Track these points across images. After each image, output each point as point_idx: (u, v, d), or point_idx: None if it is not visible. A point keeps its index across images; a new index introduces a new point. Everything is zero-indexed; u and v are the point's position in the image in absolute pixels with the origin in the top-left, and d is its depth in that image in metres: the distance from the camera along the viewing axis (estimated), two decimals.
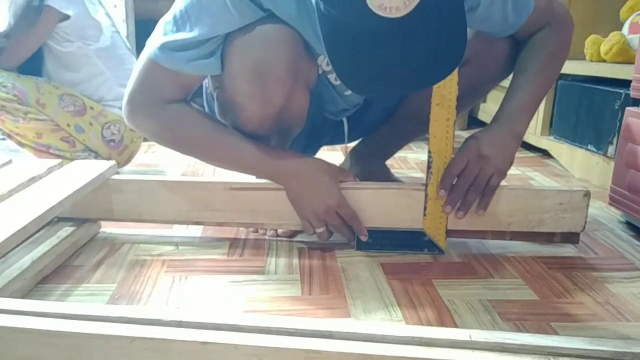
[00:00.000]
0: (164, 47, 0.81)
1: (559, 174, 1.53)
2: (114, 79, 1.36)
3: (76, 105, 1.31)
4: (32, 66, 1.33)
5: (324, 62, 0.93)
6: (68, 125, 1.31)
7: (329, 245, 0.97)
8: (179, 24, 0.80)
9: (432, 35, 0.64)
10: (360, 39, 0.64)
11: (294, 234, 1.02)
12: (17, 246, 0.84)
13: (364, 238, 0.91)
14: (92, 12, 1.33)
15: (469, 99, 1.02)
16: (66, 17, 1.28)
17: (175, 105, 0.86)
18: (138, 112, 0.87)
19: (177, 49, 0.80)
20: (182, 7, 0.79)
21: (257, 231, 1.03)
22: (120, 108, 1.36)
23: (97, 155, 1.35)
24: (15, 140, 1.33)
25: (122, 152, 1.39)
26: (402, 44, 0.64)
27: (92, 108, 1.33)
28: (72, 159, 1.32)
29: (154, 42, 0.82)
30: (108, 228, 1.04)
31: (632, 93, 1.08)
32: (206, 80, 0.98)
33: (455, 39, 0.66)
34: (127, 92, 0.87)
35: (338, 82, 0.97)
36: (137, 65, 0.86)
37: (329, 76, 0.96)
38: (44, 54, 1.34)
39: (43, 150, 1.33)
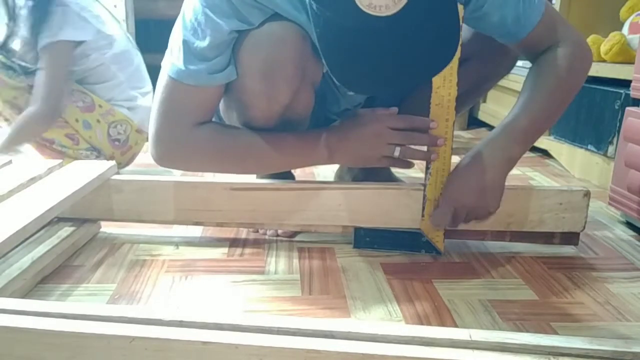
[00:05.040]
0: (185, 65, 0.80)
1: (559, 174, 1.53)
2: (127, 82, 1.38)
3: (85, 101, 1.32)
4: None
5: None
6: (76, 120, 1.31)
7: (329, 245, 0.97)
8: (192, 39, 0.79)
9: (423, 32, 0.64)
10: (352, 37, 0.64)
11: (294, 234, 1.02)
12: (17, 246, 0.84)
13: (433, 124, 0.86)
14: (99, 27, 1.33)
15: (469, 97, 1.02)
16: (82, 43, 1.29)
17: (203, 126, 0.86)
18: (167, 144, 0.86)
19: (196, 61, 0.79)
20: (191, 17, 0.79)
21: (257, 231, 1.03)
22: (127, 108, 1.36)
23: (99, 155, 1.36)
24: None
25: (125, 153, 1.39)
26: (393, 41, 0.64)
27: (100, 106, 1.33)
28: (73, 157, 1.32)
29: (173, 63, 0.81)
30: (108, 228, 1.04)
31: (632, 93, 1.08)
32: None
33: (448, 34, 0.66)
34: (151, 133, 0.86)
35: None
36: (157, 96, 0.85)
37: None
38: None
39: (46, 145, 1.33)
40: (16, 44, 1.30)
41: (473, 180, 0.84)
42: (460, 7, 0.79)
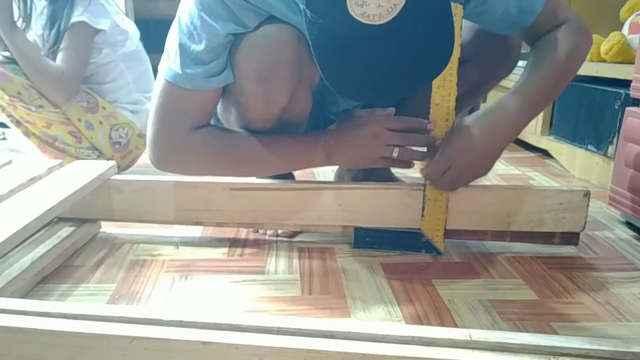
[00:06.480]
0: (182, 68, 0.80)
1: (559, 174, 1.53)
2: (134, 84, 1.38)
3: (90, 102, 1.32)
4: None
5: None
6: (79, 119, 1.31)
7: (329, 245, 0.97)
8: (188, 42, 0.79)
9: (417, 39, 0.64)
10: (345, 45, 0.65)
11: (294, 234, 1.02)
12: (17, 246, 0.84)
13: (431, 126, 0.87)
14: (119, 22, 1.34)
15: (469, 97, 1.02)
16: (100, 32, 1.29)
17: (201, 130, 0.86)
18: (165, 148, 0.86)
19: (193, 65, 0.79)
20: (187, 21, 0.79)
21: (257, 231, 1.03)
22: (131, 112, 1.36)
23: (101, 155, 1.36)
24: (22, 129, 1.33)
25: (125, 157, 1.39)
26: (387, 49, 0.64)
27: (104, 108, 1.33)
28: (75, 155, 1.32)
29: (170, 67, 0.81)
30: (108, 228, 1.04)
31: (632, 93, 1.08)
32: None
33: (442, 40, 0.66)
34: (149, 137, 0.87)
35: None
36: (154, 100, 0.85)
37: None
38: None
39: (49, 142, 1.32)
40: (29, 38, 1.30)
41: (477, 141, 0.83)
42: (459, 8, 0.80)
